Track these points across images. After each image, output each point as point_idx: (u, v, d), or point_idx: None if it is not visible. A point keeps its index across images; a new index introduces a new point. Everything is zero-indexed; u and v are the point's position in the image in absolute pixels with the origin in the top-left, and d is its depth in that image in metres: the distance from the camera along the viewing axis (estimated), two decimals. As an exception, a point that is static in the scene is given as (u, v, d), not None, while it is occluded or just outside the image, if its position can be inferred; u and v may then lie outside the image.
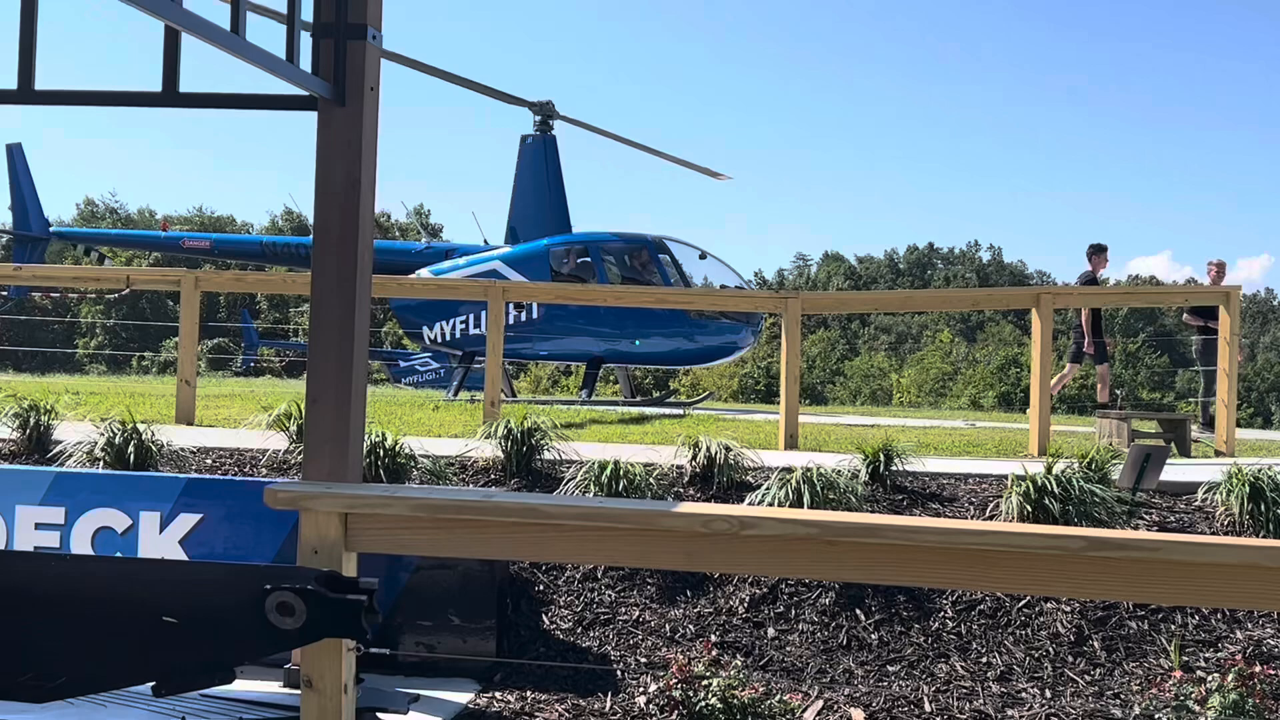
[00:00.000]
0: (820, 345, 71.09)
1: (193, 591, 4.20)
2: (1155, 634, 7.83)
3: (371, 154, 7.17)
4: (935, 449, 11.71)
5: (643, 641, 7.99)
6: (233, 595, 4.07)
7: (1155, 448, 9.61)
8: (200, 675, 4.23)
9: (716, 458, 9.47)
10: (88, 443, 9.65)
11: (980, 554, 4.52)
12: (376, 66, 7.18)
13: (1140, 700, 7.26)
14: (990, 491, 9.15)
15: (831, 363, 70.98)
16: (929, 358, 69.85)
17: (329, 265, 7.15)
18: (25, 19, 7.01)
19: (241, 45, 6.35)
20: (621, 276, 21.94)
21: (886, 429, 13.65)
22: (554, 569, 8.36)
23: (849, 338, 76.25)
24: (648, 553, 5.00)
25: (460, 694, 7.50)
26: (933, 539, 4.54)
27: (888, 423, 16.37)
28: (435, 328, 21.67)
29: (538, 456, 9.65)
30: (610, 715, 7.37)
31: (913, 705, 7.45)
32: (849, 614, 8.09)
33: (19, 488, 8.26)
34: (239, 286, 25.63)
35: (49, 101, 7.30)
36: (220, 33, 6.22)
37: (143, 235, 40.20)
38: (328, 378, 7.16)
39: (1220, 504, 8.85)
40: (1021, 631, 7.95)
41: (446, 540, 4.49)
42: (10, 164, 26.65)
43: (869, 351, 75.07)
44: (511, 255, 22.31)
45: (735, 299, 20.96)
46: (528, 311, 20.82)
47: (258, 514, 7.80)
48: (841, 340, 75.13)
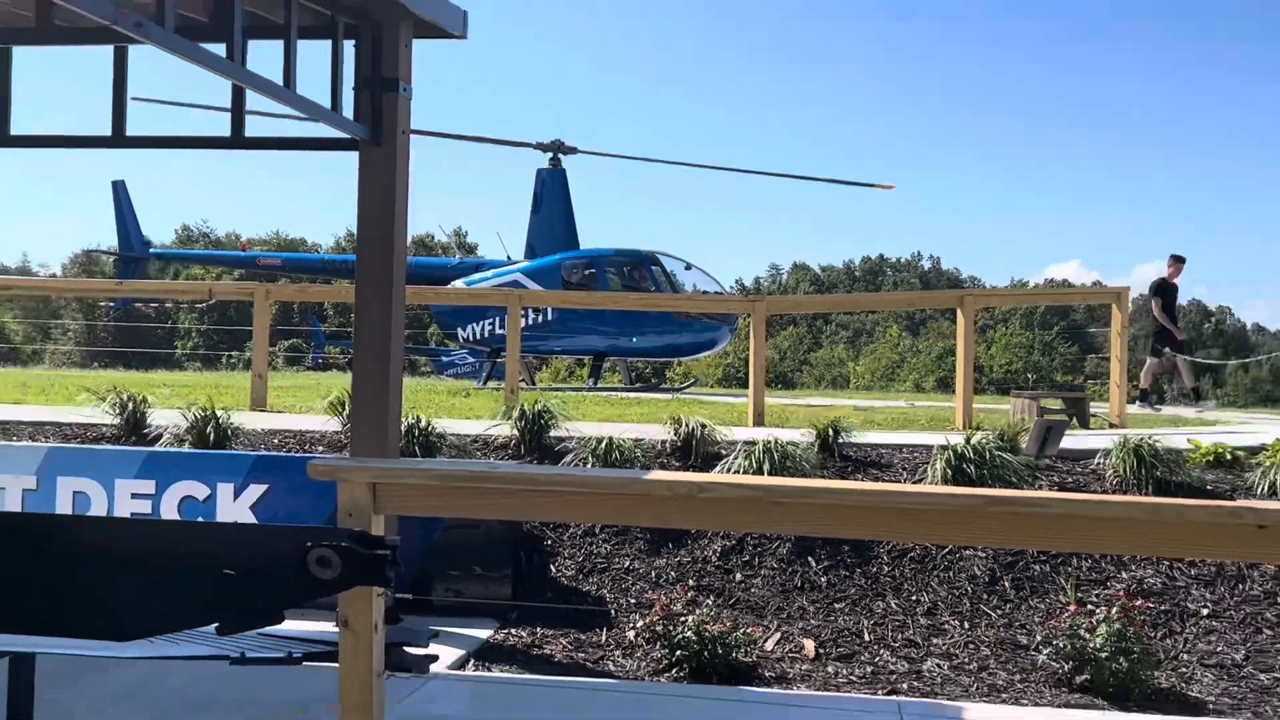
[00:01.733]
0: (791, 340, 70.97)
1: (247, 549, 4.19)
2: (1055, 575, 7.81)
3: (404, 186, 7.18)
4: (878, 424, 11.65)
5: (632, 586, 7.97)
6: (280, 552, 4.03)
7: (1056, 421, 9.60)
8: (254, 618, 4.23)
9: (694, 433, 9.41)
10: (175, 427, 9.67)
11: (900, 511, 4.52)
12: (407, 114, 7.19)
13: (1041, 630, 7.25)
14: (920, 459, 9.11)
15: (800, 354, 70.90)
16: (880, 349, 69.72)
17: (370, 278, 7.17)
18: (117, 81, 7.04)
19: (294, 98, 6.38)
20: (621, 285, 21.93)
21: (840, 408, 13.56)
22: (560, 527, 8.34)
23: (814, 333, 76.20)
24: (628, 512, 5.01)
25: (482, 630, 7.51)
26: (860, 499, 4.53)
27: (843, 403, 16.29)
28: (468, 329, 21.68)
29: (547, 434, 9.60)
30: (605, 646, 7.40)
31: (854, 636, 7.46)
32: (802, 561, 8.06)
33: (118, 465, 8.27)
34: (305, 296, 25.51)
35: (137, 145, 7.33)
36: (276, 88, 6.25)
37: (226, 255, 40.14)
38: (369, 373, 7.19)
39: (1110, 467, 8.83)
40: (945, 574, 7.93)
41: (457, 504, 4.50)
42: (115, 197, 26.70)
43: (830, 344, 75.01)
44: (530, 268, 22.33)
45: (713, 303, 20.96)
46: (544, 315, 20.83)
47: (313, 485, 7.84)
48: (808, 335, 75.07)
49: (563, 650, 7.31)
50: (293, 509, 7.82)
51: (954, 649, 7.29)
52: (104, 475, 8.12)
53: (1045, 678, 6.86)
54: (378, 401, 7.13)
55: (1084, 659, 6.71)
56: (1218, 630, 7.40)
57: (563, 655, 7.24)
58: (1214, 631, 7.40)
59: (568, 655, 7.25)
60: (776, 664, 7.06)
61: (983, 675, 6.98)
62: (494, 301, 19.32)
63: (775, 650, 7.22)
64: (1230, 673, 7.00)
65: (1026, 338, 62.04)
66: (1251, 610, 7.55)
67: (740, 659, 6.88)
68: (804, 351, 71.52)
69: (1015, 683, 6.86)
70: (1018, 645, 7.27)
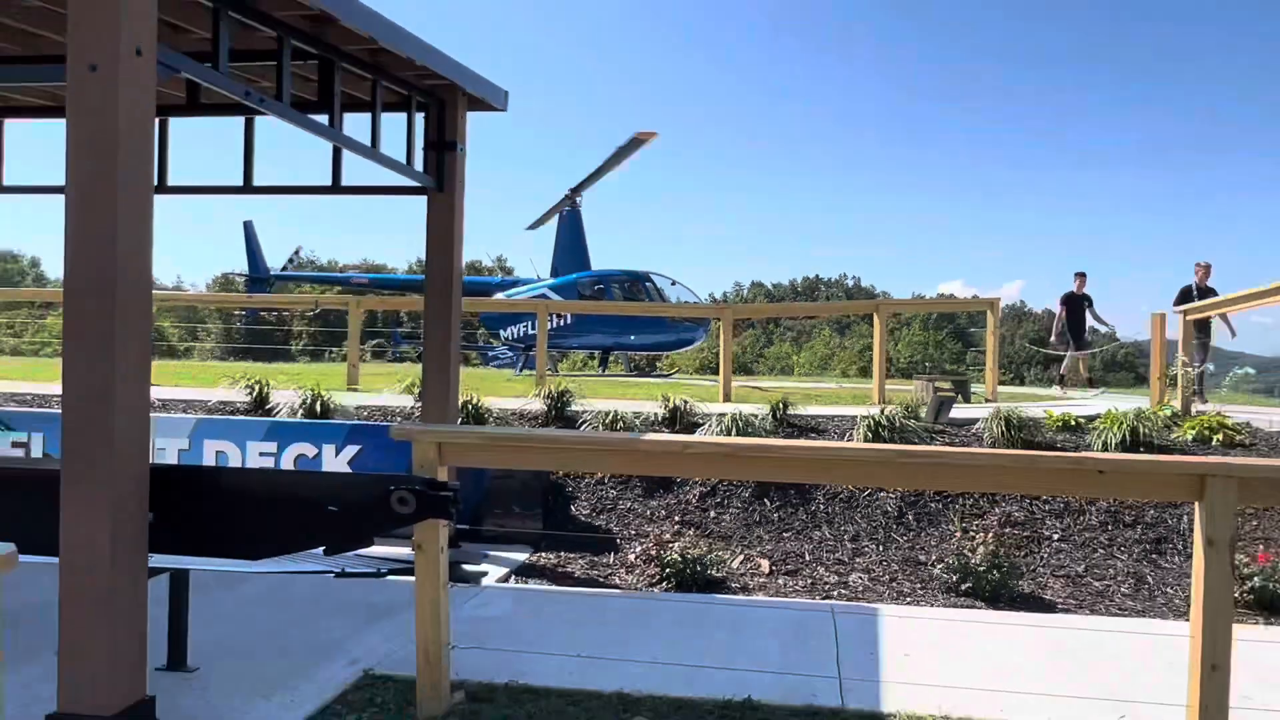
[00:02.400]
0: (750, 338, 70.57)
1: (347, 491, 4.21)
2: (946, 510, 7.83)
3: (460, 223, 7.16)
4: (816, 400, 11.66)
5: (632, 522, 7.98)
6: (371, 493, 4.05)
7: (947, 397, 9.62)
8: (351, 542, 4.26)
9: (679, 408, 9.43)
10: (291, 403, 9.65)
11: (833, 461, 4.51)
12: (463, 168, 7.17)
13: (936, 551, 7.30)
14: (848, 425, 9.12)
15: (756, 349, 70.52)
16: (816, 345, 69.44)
17: (436, 292, 7.16)
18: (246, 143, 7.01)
19: (378, 155, 6.36)
20: (623, 296, 21.87)
21: (787, 389, 13.56)
22: (578, 476, 8.34)
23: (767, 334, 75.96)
24: (631, 464, 5.02)
25: (520, 555, 7.51)
26: (803, 453, 4.54)
27: (790, 385, 16.25)
28: (507, 330, 21.61)
29: (568, 409, 9.61)
30: (612, 565, 7.40)
31: (798, 557, 7.47)
32: (760, 502, 8.08)
33: (249, 431, 8.30)
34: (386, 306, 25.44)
35: (262, 192, 7.28)
36: (365, 148, 6.24)
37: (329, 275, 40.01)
38: (436, 363, 7.17)
39: (987, 431, 8.85)
40: (865, 510, 7.94)
41: (501, 459, 4.52)
42: (245, 233, 26.59)
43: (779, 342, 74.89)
44: (554, 284, 22.28)
45: (693, 310, 20.95)
46: (565, 319, 20.76)
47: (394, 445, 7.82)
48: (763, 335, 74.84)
49: (581, 569, 7.31)
50: (378, 463, 7.85)
51: (872, 566, 7.30)
52: (239, 438, 8.16)
53: (939, 586, 6.88)
54: (441, 384, 7.11)
55: (967, 572, 6.74)
56: (1065, 550, 7.42)
57: (581, 573, 7.25)
58: (1062, 551, 7.42)
59: (584, 573, 7.25)
60: (740, 578, 7.06)
61: (893, 585, 6.99)
62: (527, 309, 19.29)
63: (739, 568, 7.22)
64: (1074, 581, 7.03)
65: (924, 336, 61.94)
66: (1090, 536, 7.57)
67: (713, 574, 6.91)
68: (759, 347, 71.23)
69: (917, 590, 6.88)
70: (919, 563, 7.30)
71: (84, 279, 3.69)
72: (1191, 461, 3.79)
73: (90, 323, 3.69)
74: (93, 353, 3.69)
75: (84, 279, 3.69)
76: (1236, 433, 8.71)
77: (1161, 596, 6.77)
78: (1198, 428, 8.78)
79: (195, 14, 5.10)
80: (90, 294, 3.69)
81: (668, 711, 4.12)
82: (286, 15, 5.10)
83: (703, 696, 4.28)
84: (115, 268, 3.67)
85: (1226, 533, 3.63)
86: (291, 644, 4.86)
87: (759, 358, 68.57)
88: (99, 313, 3.69)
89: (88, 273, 3.69)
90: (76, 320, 3.71)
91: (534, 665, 4.65)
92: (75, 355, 3.71)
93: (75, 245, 3.70)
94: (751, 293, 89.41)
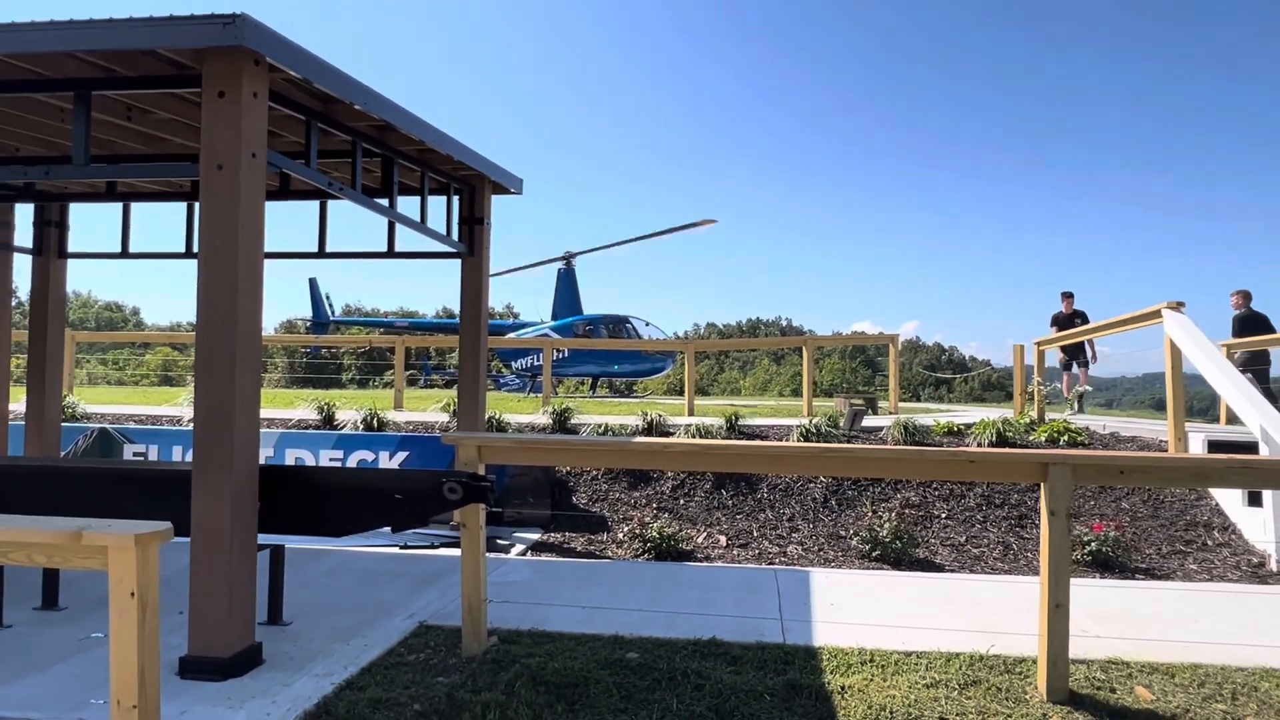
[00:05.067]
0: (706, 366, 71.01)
1: (409, 482, 4.27)
2: (860, 496, 7.92)
3: (486, 280, 7.30)
4: (760, 414, 11.82)
5: (620, 508, 8.01)
6: (428, 484, 4.13)
7: (859, 409, 9.80)
8: (413, 521, 4.33)
9: (654, 420, 9.57)
10: (353, 420, 9.72)
11: (775, 457, 4.65)
12: (488, 237, 7.32)
13: (853, 528, 7.45)
14: (784, 432, 9.21)
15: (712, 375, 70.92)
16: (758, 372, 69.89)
17: (468, 334, 7.30)
18: (321, 219, 7.16)
19: (424, 228, 6.52)
20: (608, 335, 22.02)
21: (737, 406, 13.77)
22: (578, 473, 8.40)
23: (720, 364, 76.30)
24: (622, 460, 5.15)
25: (533, 535, 7.56)
26: (751, 450, 4.68)
27: (739, 404, 16.46)
28: (517, 362, 21.68)
29: (569, 422, 9.69)
30: (606, 543, 7.41)
31: (748, 534, 7.52)
32: (718, 491, 8.15)
33: (321, 441, 8.34)
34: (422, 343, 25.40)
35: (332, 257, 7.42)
36: (414, 222, 6.39)
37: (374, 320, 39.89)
38: (468, 387, 7.30)
39: (891, 436, 9.02)
40: (799, 497, 8.02)
41: (526, 457, 4.61)
42: (311, 287, 26.54)
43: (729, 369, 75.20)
44: (554, 326, 22.41)
45: (662, 345, 21.02)
46: (563, 353, 20.89)
47: (434, 451, 7.92)
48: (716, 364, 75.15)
49: (581, 545, 7.33)
50: (423, 465, 7.91)
51: (804, 539, 7.37)
52: (313, 446, 8.22)
53: (856, 554, 6.95)
54: (472, 402, 7.25)
55: (877, 543, 6.83)
56: (950, 525, 7.55)
57: (581, 548, 7.27)
58: (949, 526, 7.54)
59: (584, 548, 7.27)
60: (704, 550, 7.11)
61: (821, 554, 7.05)
62: (534, 345, 19.35)
63: (703, 543, 7.27)
64: (958, 548, 7.16)
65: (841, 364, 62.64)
66: (969, 514, 7.70)
67: (683, 548, 6.97)
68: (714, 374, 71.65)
69: (839, 558, 6.94)
70: (840, 537, 7.37)
71: (212, 323, 3.86)
72: (1037, 453, 4.02)
73: (216, 357, 3.85)
74: (218, 380, 3.84)
75: (212, 323, 3.86)
76: (1078, 435, 9.01)
77: (1024, 560, 6.96)
78: (1049, 431, 9.07)
79: (291, 124, 5.30)
80: (216, 335, 3.85)
81: (652, 648, 4.25)
82: (358, 125, 5.32)
83: (679, 637, 4.42)
84: (235, 315, 3.84)
85: (1064, 505, 3.85)
86: (359, 604, 4.95)
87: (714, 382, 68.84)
88: (223, 349, 3.85)
89: (214, 319, 3.86)
90: (206, 354, 3.86)
91: (549, 615, 4.77)
92: (205, 381, 3.86)
93: (205, 298, 3.87)
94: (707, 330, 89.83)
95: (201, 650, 3.78)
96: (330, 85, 4.26)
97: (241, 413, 3.86)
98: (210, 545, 3.80)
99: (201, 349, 3.86)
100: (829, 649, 4.28)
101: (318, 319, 26.42)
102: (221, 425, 3.81)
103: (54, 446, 7.54)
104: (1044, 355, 11.17)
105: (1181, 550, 6.96)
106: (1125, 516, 7.44)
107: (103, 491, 4.49)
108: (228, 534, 3.80)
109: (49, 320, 7.51)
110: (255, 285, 3.96)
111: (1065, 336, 11.03)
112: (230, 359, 3.83)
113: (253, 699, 3.55)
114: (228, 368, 3.82)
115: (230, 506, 3.80)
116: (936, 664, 4.11)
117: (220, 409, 3.82)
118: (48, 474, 4.70)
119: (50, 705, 3.41)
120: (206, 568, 3.79)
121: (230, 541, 3.80)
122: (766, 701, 3.60)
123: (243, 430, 3.87)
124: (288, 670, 3.88)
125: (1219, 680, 3.98)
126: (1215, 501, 7.57)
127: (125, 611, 2.52)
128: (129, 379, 31.40)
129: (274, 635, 4.34)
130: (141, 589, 2.53)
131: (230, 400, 3.81)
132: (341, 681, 3.75)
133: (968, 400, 44.46)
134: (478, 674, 3.84)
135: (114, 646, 2.49)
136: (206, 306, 3.85)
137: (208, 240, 3.84)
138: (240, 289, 3.85)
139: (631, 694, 3.64)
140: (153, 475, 4.65)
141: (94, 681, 3.67)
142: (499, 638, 4.34)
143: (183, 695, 3.56)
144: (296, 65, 3.98)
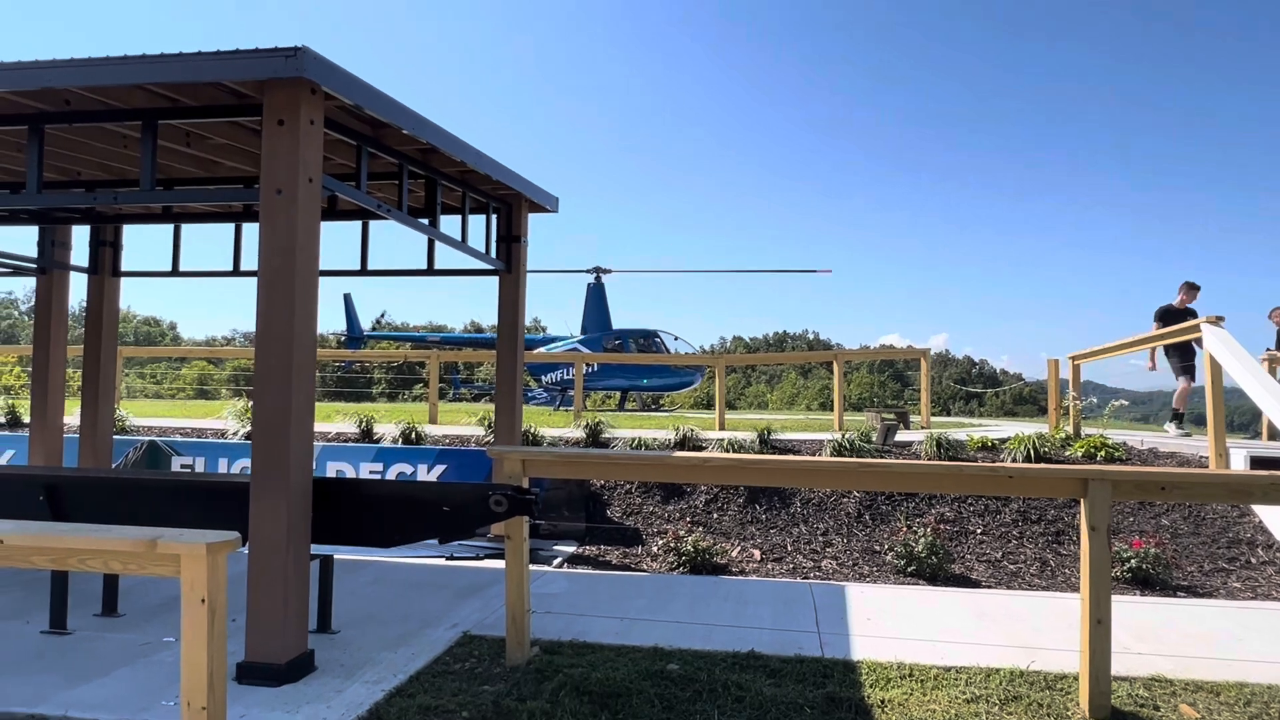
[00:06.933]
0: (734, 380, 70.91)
1: (456, 495, 4.33)
2: (895, 511, 7.87)
3: (523, 297, 7.40)
4: (790, 428, 11.80)
5: (654, 521, 8.02)
6: (474, 497, 4.19)
7: (891, 424, 9.77)
8: (460, 533, 4.40)
9: (687, 434, 9.55)
10: (391, 433, 9.88)
11: (810, 471, 4.67)
12: (525, 255, 7.43)
13: (888, 544, 7.42)
14: (816, 446, 9.17)
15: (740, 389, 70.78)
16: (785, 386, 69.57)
17: (506, 347, 7.42)
18: (363, 239, 7.35)
19: (465, 246, 6.65)
20: (637, 349, 22.08)
21: (767, 420, 13.75)
22: (612, 486, 8.41)
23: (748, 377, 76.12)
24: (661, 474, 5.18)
25: (569, 547, 7.58)
26: (787, 465, 4.69)
27: (768, 417, 16.38)
28: (547, 376, 21.81)
29: (601, 435, 9.71)
30: (640, 556, 7.41)
31: (782, 548, 7.51)
32: (752, 505, 8.13)
33: (361, 454, 8.42)
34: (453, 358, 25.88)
35: (374, 274, 7.58)
36: (456, 241, 6.53)
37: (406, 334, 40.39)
38: (505, 401, 7.41)
39: (924, 451, 8.95)
40: (833, 511, 7.98)
41: (566, 470, 4.64)
42: (346, 303, 27.02)
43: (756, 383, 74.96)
44: (584, 340, 22.52)
45: (692, 359, 21.14)
46: (593, 368, 21.02)
47: (471, 464, 8.03)
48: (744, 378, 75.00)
49: (616, 558, 7.35)
50: (460, 478, 7.95)
51: (839, 554, 7.34)
52: (354, 459, 8.32)
53: (891, 569, 6.92)
54: (509, 416, 7.36)
55: (912, 558, 6.79)
56: (986, 541, 7.49)
57: (616, 560, 7.29)
58: (984, 542, 7.47)
59: (619, 560, 7.29)
60: (738, 564, 7.11)
61: (855, 568, 7.02)
62: (564, 360, 19.59)
63: (737, 556, 7.27)
64: (994, 564, 7.09)
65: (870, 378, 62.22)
66: (1004, 530, 7.63)
67: (717, 561, 6.96)
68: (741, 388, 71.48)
69: (874, 572, 6.91)
70: (875, 551, 7.34)
71: (270, 340, 4.02)
72: (1077, 468, 4.03)
73: (273, 373, 4.01)
74: (276, 394, 4.00)
75: (270, 340, 4.02)
76: (1115, 450, 8.91)
77: (1061, 576, 6.89)
78: (1085, 446, 8.98)
79: (341, 148, 5.49)
80: (274, 351, 4.01)
81: (692, 660, 4.30)
82: (405, 148, 5.50)
83: (718, 649, 4.47)
84: (292, 332, 4.00)
85: (1104, 520, 3.86)
86: (405, 614, 5.07)
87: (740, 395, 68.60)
88: (280, 365, 4.00)
89: (272, 335, 4.02)
90: (264, 370, 4.02)
91: (589, 627, 4.85)
92: (263, 396, 4.02)
93: (264, 316, 4.03)
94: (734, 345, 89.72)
95: (258, 656, 3.91)
96: (381, 111, 4.43)
97: (297, 426, 4.00)
98: (267, 554, 3.94)
99: (260, 365, 4.01)
100: (867, 663, 4.30)
101: (353, 334, 26.87)
102: (278, 438, 3.96)
103: (106, 458, 7.79)
104: (1079, 369, 11.06)
105: (1224, 568, 6.85)
106: (1165, 533, 7.34)
107: (162, 502, 4.66)
108: (284, 543, 3.93)
109: (103, 337, 7.78)
110: (310, 305, 4.11)
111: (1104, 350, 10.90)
112: (287, 375, 3.98)
113: (308, 704, 3.67)
114: (284, 384, 3.97)
115: (287, 517, 3.94)
116: (976, 679, 4.11)
117: (277, 423, 3.97)
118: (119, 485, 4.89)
119: (118, 707, 3.56)
120: (264, 575, 3.93)
121: (286, 551, 3.94)
122: (807, 714, 3.64)
123: (298, 443, 4.01)
124: (339, 677, 4.00)
125: (1265, 699, 3.94)
126: (1259, 519, 7.43)
127: (196, 617, 2.65)
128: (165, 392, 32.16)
129: (324, 643, 4.46)
130: (211, 595, 2.65)
131: (286, 414, 3.96)
132: (391, 689, 3.86)
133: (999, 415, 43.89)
134: (522, 683, 3.92)
135: (185, 650, 2.61)
136: (265, 326, 4.01)
137: (266, 262, 4.01)
138: (297, 310, 4.00)
139: (673, 705, 3.70)
140: (213, 487, 4.81)
141: (157, 684, 3.81)
142: (541, 648, 4.42)
143: (241, 699, 3.69)
144: (350, 93, 4.16)
